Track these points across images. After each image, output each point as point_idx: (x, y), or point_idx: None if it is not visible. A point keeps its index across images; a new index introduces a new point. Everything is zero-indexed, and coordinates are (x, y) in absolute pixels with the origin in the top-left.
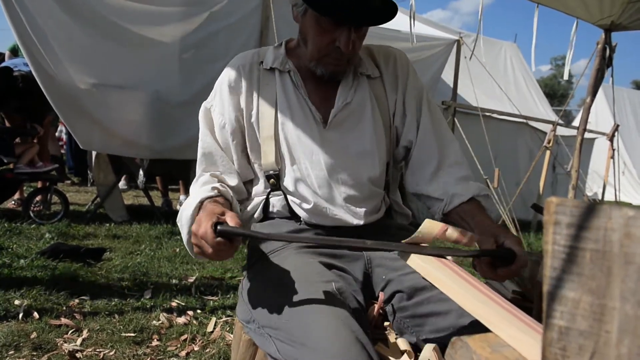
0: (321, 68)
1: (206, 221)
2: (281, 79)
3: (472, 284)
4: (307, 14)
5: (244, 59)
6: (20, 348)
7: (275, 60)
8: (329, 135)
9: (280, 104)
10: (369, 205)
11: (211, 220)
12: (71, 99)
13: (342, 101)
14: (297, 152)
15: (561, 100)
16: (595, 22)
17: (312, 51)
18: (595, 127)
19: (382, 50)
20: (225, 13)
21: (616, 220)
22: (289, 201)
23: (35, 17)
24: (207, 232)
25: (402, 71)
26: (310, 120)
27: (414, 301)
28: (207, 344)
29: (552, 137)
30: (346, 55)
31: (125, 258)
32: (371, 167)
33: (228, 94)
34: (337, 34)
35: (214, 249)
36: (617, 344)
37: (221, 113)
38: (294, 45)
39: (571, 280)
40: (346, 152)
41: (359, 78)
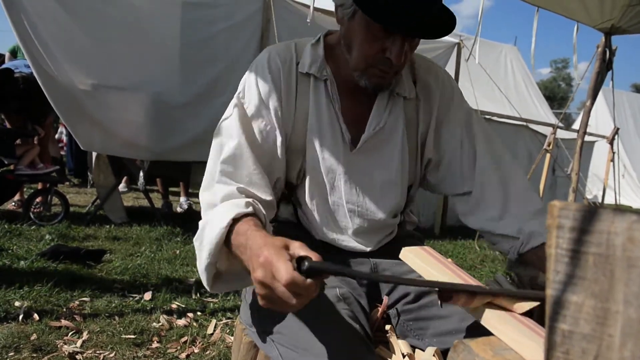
0: (366, 79)
1: (281, 261)
2: (315, 86)
3: None
4: (355, 17)
5: (283, 53)
6: (20, 349)
7: (312, 64)
8: (355, 159)
9: (311, 117)
10: (382, 234)
11: (286, 259)
12: (72, 100)
13: (375, 125)
14: (320, 174)
15: (561, 103)
16: (595, 26)
17: (358, 60)
18: (595, 130)
19: (423, 66)
20: (226, 14)
21: (619, 224)
22: (297, 212)
23: (36, 18)
24: (294, 278)
25: (442, 96)
26: (339, 140)
27: (418, 304)
28: (207, 346)
29: (552, 140)
30: (395, 67)
31: (125, 260)
32: (393, 199)
33: (268, 92)
34: (388, 43)
35: (304, 297)
36: (620, 348)
37: (259, 110)
38: (334, 43)
39: (574, 284)
40: (370, 180)
41: (394, 98)
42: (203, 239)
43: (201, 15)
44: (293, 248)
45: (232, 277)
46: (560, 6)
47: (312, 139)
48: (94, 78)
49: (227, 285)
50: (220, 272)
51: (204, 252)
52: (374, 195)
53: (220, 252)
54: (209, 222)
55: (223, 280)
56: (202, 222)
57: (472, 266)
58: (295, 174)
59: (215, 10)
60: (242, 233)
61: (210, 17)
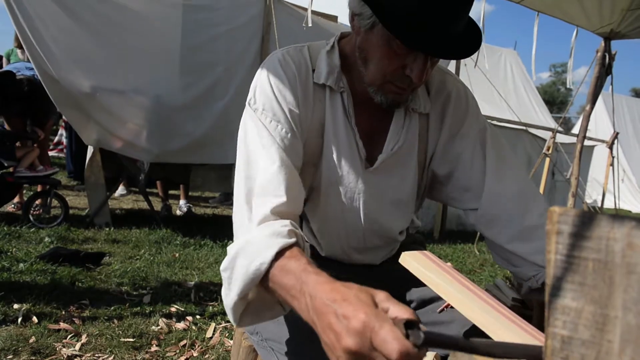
0: (381, 96)
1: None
2: (331, 98)
3: (474, 292)
4: (374, 29)
5: (296, 58)
6: (19, 352)
7: (329, 75)
8: (370, 178)
9: (328, 130)
10: (388, 250)
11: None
12: (73, 102)
13: (393, 146)
14: (336, 192)
15: (560, 107)
16: (595, 30)
17: (375, 75)
18: (594, 135)
19: (437, 79)
20: (227, 18)
21: (618, 230)
22: (303, 228)
23: (38, 21)
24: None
25: (456, 111)
26: (356, 157)
27: (420, 312)
28: (206, 349)
29: (552, 144)
30: (413, 85)
31: (124, 263)
32: (402, 219)
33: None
34: (409, 60)
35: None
36: (619, 354)
37: (276, 116)
38: (349, 52)
39: (573, 289)
40: (383, 198)
41: (410, 115)
42: (234, 271)
43: (202, 19)
44: (382, 302)
45: (262, 309)
46: (560, 11)
47: (329, 152)
48: (94, 80)
49: (256, 318)
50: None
51: (234, 287)
52: (386, 214)
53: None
54: (242, 250)
55: (251, 312)
56: (234, 249)
57: (472, 270)
58: (307, 187)
59: (216, 14)
60: (292, 272)
61: (211, 20)
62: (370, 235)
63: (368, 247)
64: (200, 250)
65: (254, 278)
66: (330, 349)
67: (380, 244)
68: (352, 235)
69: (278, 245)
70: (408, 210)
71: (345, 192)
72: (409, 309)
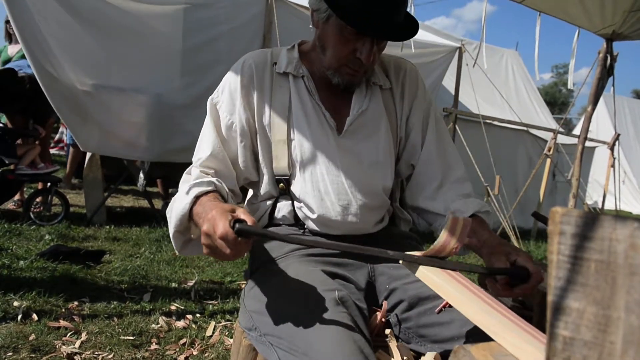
0: (338, 77)
1: (222, 220)
2: (295, 83)
3: (474, 292)
4: (329, 21)
5: (257, 57)
6: (19, 350)
7: (289, 64)
8: (343, 143)
9: (295, 109)
10: (379, 214)
11: (227, 219)
12: (72, 100)
13: (358, 109)
14: (313, 158)
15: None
16: (596, 32)
17: (331, 60)
18: (595, 136)
19: (392, 61)
20: (228, 17)
21: (621, 231)
22: (295, 208)
23: (37, 18)
24: (227, 232)
25: (411, 85)
26: (326, 127)
27: (417, 311)
28: (206, 348)
29: (553, 145)
30: (364, 66)
31: (124, 261)
32: (384, 177)
33: (239, 92)
34: (358, 45)
35: (234, 250)
36: (621, 355)
37: (230, 112)
38: (308, 49)
39: (576, 290)
40: (360, 161)
41: (371, 87)
42: (172, 211)
43: (203, 17)
44: (237, 213)
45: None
46: (562, 11)
47: (300, 127)
48: (95, 79)
49: (195, 249)
50: (191, 239)
51: (171, 222)
52: (366, 173)
53: (187, 222)
54: (177, 197)
55: (192, 245)
56: (174, 198)
57: None
58: (285, 163)
59: (218, 12)
60: (202, 204)
61: (212, 19)
62: (354, 191)
63: (355, 204)
64: None
65: (182, 215)
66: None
67: (366, 201)
68: (338, 192)
69: (197, 191)
70: (387, 170)
71: (321, 158)
72: (252, 218)
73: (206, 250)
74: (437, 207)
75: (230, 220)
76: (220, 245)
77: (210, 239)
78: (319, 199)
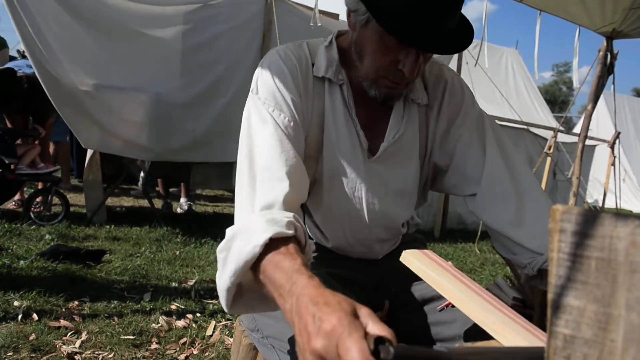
0: (375, 90)
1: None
2: (330, 90)
3: (475, 290)
4: (369, 25)
5: (298, 52)
6: (19, 349)
7: (328, 68)
8: (373, 167)
9: (328, 122)
10: (392, 242)
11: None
12: (73, 100)
13: (394, 134)
14: (339, 183)
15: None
16: (596, 30)
17: (369, 69)
18: (596, 134)
19: (434, 71)
20: (228, 16)
21: (622, 229)
22: (306, 222)
23: (38, 18)
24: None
25: (452, 100)
26: (357, 147)
27: (421, 311)
28: (206, 347)
29: (553, 144)
30: (407, 79)
31: (125, 260)
32: (406, 209)
33: (286, 87)
34: (402, 56)
35: None
36: (622, 353)
37: (279, 105)
38: (346, 47)
39: (576, 288)
40: (386, 188)
41: (409, 105)
42: (229, 252)
43: (203, 17)
44: (363, 316)
45: (254, 299)
46: (562, 10)
47: (330, 144)
48: (95, 78)
49: (249, 307)
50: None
51: (228, 269)
52: (390, 204)
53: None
54: (240, 233)
55: (245, 301)
56: (233, 231)
57: (472, 269)
58: (309, 180)
59: (217, 12)
60: (284, 270)
61: (212, 18)
62: (374, 226)
63: (372, 238)
64: (200, 248)
65: (248, 261)
66: (301, 350)
67: (384, 235)
68: (356, 226)
69: (273, 231)
70: (411, 201)
71: (347, 182)
72: (389, 329)
73: None
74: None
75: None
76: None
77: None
78: (336, 230)
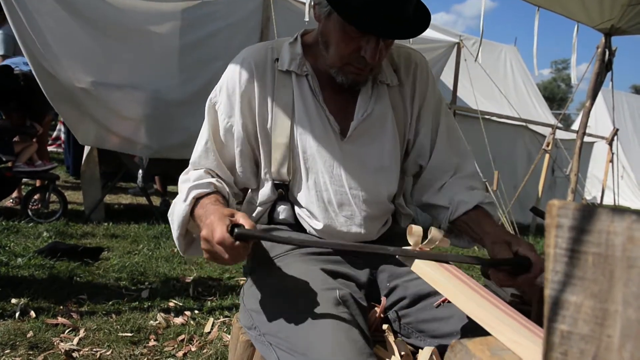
0: (342, 76)
1: (220, 225)
2: (298, 82)
3: (471, 287)
4: (331, 16)
5: (257, 55)
6: (17, 347)
7: (292, 61)
8: (347, 148)
9: (298, 112)
10: (382, 220)
11: (225, 224)
12: (70, 97)
13: (363, 112)
14: (316, 165)
15: (560, 103)
16: (595, 26)
17: (334, 58)
18: (594, 131)
19: (402, 54)
20: (226, 12)
21: (619, 224)
22: (296, 212)
23: (34, 15)
24: (224, 237)
25: (422, 81)
26: (329, 131)
27: (417, 307)
28: (205, 344)
29: (551, 141)
30: (370, 65)
31: (123, 258)
32: (389, 184)
33: (239, 95)
34: (363, 43)
35: (232, 255)
36: (619, 349)
37: (228, 115)
38: (311, 42)
39: (573, 284)
40: (364, 166)
41: (378, 86)
42: (173, 214)
43: (201, 13)
44: (236, 217)
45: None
46: (561, 6)
47: (303, 131)
48: (92, 75)
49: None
50: (194, 240)
51: (174, 225)
52: (371, 180)
53: (188, 224)
54: (177, 200)
55: (196, 245)
56: (175, 200)
57: (470, 266)
58: (286, 169)
59: (215, 8)
60: (204, 206)
61: (209, 15)
62: (358, 202)
63: (359, 215)
64: None
65: (183, 216)
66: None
67: (370, 211)
68: (341, 203)
69: (197, 191)
70: (391, 176)
71: (325, 162)
72: (251, 222)
73: (206, 255)
74: (442, 200)
75: (228, 225)
76: (219, 251)
77: (209, 244)
78: (323, 209)
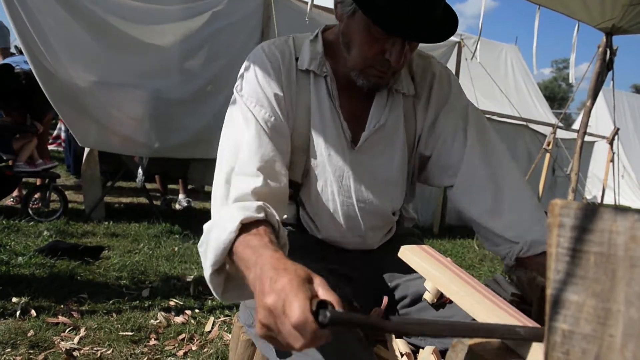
0: (363, 79)
1: (299, 299)
2: (316, 83)
3: (473, 286)
4: (355, 16)
5: (282, 47)
6: (18, 346)
7: (312, 60)
8: (357, 158)
9: (314, 115)
10: (385, 230)
11: (307, 297)
12: (71, 96)
13: (375, 123)
14: (325, 173)
15: (561, 103)
16: (596, 25)
17: (356, 59)
18: (594, 131)
19: (421, 64)
20: (227, 12)
21: (621, 223)
22: (300, 214)
23: (35, 14)
24: (307, 321)
25: (439, 92)
26: (342, 138)
27: (418, 307)
28: (205, 343)
29: (552, 140)
30: (393, 68)
31: (123, 257)
32: (395, 198)
33: (269, 83)
34: (388, 45)
35: (309, 343)
36: (621, 348)
37: (260, 102)
38: (332, 39)
39: (575, 283)
40: (373, 178)
41: (393, 95)
42: (208, 245)
43: (202, 12)
44: (316, 284)
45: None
46: (562, 5)
47: (317, 136)
48: (93, 74)
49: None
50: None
51: (207, 260)
52: (378, 193)
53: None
54: (215, 225)
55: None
56: (209, 224)
57: (471, 265)
58: (300, 172)
59: (216, 7)
60: (252, 246)
61: (210, 14)
62: (364, 214)
63: (363, 228)
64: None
65: (224, 248)
66: (256, 308)
67: (375, 222)
68: (347, 215)
69: (243, 215)
70: (399, 190)
71: (335, 171)
72: (337, 297)
73: (262, 330)
74: (504, 230)
75: (312, 302)
76: (290, 335)
77: (275, 321)
78: (327, 220)
